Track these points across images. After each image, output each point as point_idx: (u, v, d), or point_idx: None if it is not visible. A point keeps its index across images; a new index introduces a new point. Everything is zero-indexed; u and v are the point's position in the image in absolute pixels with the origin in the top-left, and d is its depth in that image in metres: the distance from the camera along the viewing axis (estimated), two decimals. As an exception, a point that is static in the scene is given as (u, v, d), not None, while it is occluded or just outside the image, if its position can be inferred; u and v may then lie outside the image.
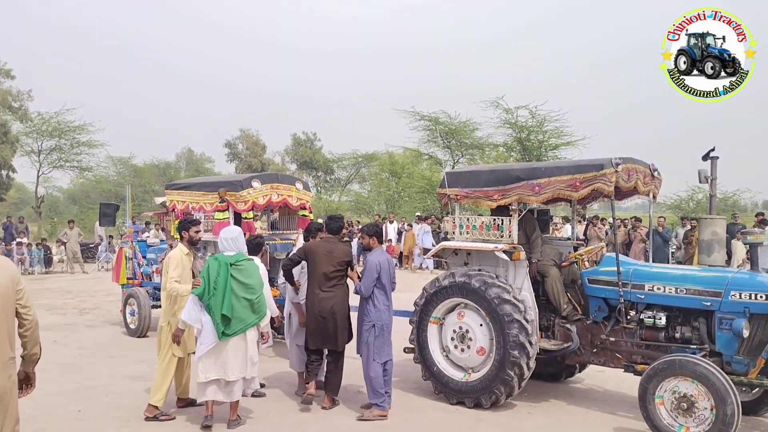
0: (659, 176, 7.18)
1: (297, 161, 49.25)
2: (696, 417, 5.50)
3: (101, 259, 23.89)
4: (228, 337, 5.90)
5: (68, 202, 50.26)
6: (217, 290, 5.90)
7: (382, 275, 6.57)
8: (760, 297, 5.74)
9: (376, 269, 6.51)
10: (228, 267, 5.97)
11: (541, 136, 30.29)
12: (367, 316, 6.56)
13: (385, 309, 6.62)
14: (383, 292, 6.60)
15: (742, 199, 30.01)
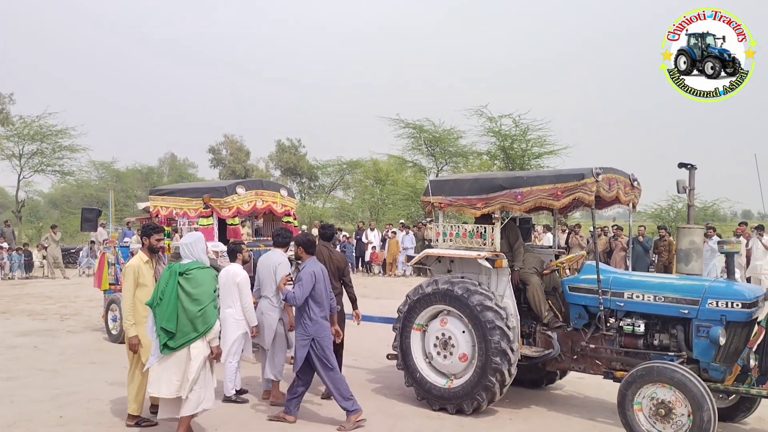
0: (639, 186, 7.31)
1: (281, 167, 49.18)
2: (674, 423, 5.60)
3: (82, 265, 23.71)
4: (170, 351, 5.61)
5: (49, 206, 49.83)
6: (162, 300, 5.63)
7: (318, 286, 6.43)
8: (737, 305, 5.86)
9: (312, 279, 6.36)
10: (176, 276, 5.69)
11: (524, 145, 30.53)
12: (303, 330, 6.40)
13: (321, 321, 6.45)
14: (318, 304, 6.44)
15: (721, 209, 30.43)
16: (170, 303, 5.61)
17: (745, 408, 6.45)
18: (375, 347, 10.16)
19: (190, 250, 5.92)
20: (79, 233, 30.52)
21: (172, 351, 5.61)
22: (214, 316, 5.76)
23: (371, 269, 24.25)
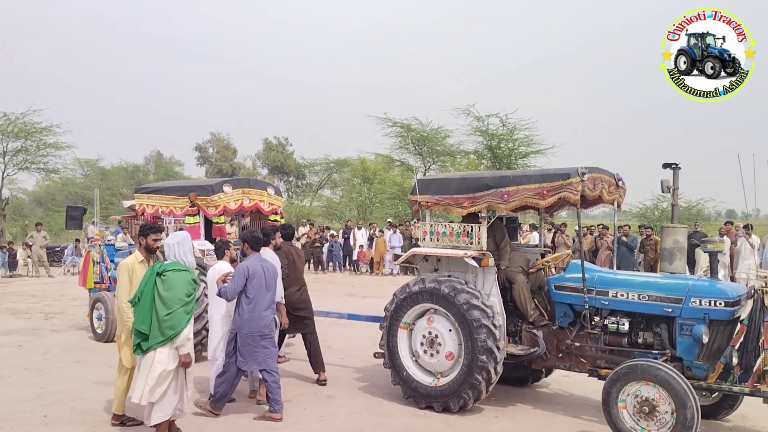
0: (624, 186, 7.37)
1: (268, 166, 49.10)
2: (657, 420, 5.66)
3: (67, 263, 23.54)
4: (142, 353, 5.55)
5: (33, 204, 49.40)
6: (140, 300, 5.57)
7: (253, 282, 6.47)
8: (719, 304, 5.93)
9: (244, 275, 6.43)
10: (154, 276, 5.58)
11: (511, 144, 30.65)
12: (232, 324, 6.68)
13: (252, 317, 6.50)
14: (249, 300, 6.49)
15: (705, 208, 30.70)
16: (146, 303, 5.52)
17: (728, 405, 6.53)
18: (362, 346, 10.17)
19: (173, 250, 5.77)
20: (64, 231, 30.28)
21: (144, 353, 5.54)
22: (182, 321, 5.53)
23: (359, 268, 24.24)
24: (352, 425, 6.44)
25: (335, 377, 8.19)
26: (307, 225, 26.15)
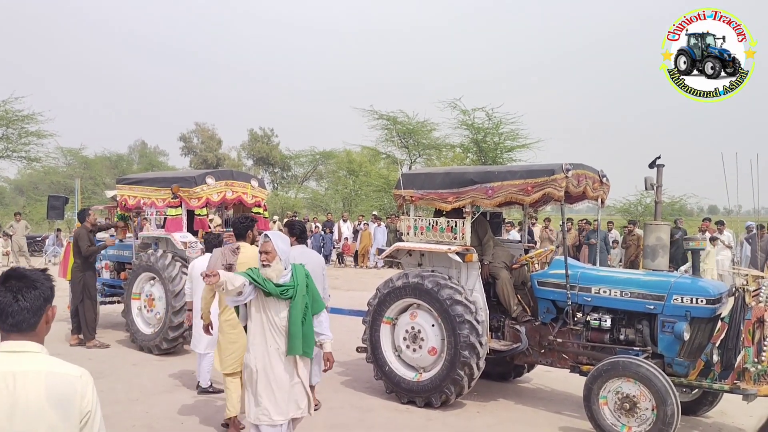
0: (608, 182, 7.38)
1: (253, 157, 48.83)
2: (638, 417, 5.68)
3: (48, 253, 23.27)
4: None
5: (15, 193, 48.79)
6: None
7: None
8: (701, 301, 5.96)
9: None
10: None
11: (497, 138, 30.68)
12: None
13: None
14: None
15: (688, 204, 30.94)
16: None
17: (708, 402, 6.58)
18: (344, 339, 10.12)
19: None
20: (45, 221, 29.92)
21: None
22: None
23: (343, 260, 24.19)
24: (333, 420, 6.41)
25: (317, 371, 8.15)
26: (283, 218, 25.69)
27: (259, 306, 4.47)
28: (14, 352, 2.14)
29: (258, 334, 4.50)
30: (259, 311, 4.49)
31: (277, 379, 4.44)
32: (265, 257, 4.42)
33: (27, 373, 2.09)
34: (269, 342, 4.46)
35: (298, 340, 4.43)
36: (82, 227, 9.56)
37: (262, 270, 4.40)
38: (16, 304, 2.14)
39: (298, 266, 4.61)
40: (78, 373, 2.19)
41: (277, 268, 4.42)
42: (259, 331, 4.50)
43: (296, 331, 4.43)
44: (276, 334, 4.46)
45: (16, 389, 2.05)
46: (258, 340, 4.49)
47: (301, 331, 4.45)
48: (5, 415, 2.01)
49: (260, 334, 4.49)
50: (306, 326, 4.49)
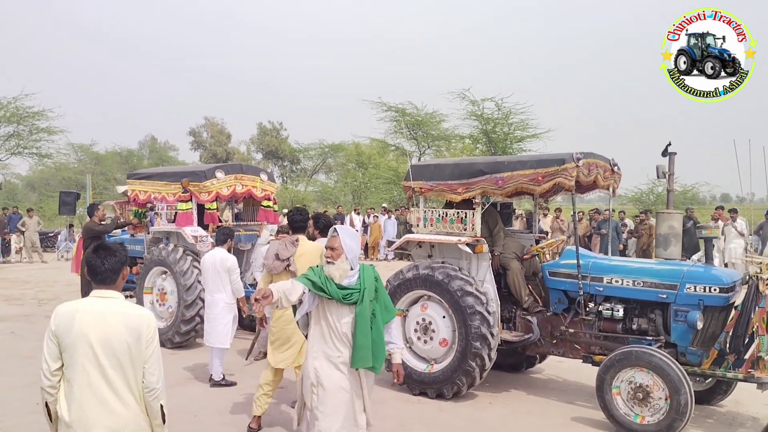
0: (619, 171, 7.32)
1: (262, 150, 48.85)
2: (651, 407, 5.66)
3: (61, 249, 23.43)
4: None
5: (27, 189, 49.12)
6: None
7: None
8: (714, 290, 5.91)
9: None
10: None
11: (506, 129, 30.56)
12: None
13: None
14: None
15: (700, 193, 30.75)
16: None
17: (722, 391, 6.54)
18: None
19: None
20: (57, 216, 30.13)
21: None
22: None
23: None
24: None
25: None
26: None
27: (320, 311, 4.10)
28: (102, 297, 3.13)
29: (318, 341, 4.12)
30: (320, 317, 4.11)
31: (337, 393, 4.04)
32: (330, 254, 4.05)
33: (112, 312, 3.06)
34: (330, 351, 4.07)
35: (366, 351, 4.01)
36: (90, 222, 9.61)
37: (325, 267, 4.04)
38: (102, 266, 3.13)
39: (367, 268, 4.20)
40: (144, 312, 3.18)
41: (342, 267, 4.03)
42: (320, 338, 4.12)
43: (364, 341, 4.00)
44: (338, 342, 4.06)
45: (106, 321, 3.02)
46: (318, 349, 4.11)
47: (369, 341, 4.02)
48: (101, 338, 3.00)
49: (321, 341, 4.11)
50: (375, 336, 4.05)
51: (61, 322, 3.04)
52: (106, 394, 2.99)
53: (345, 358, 4.05)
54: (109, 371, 3.00)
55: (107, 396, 2.99)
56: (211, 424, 6.01)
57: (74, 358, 2.99)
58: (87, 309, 3.06)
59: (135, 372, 3.05)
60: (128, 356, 3.02)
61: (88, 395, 2.99)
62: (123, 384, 3.03)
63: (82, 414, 2.98)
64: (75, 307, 3.09)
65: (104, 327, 3.02)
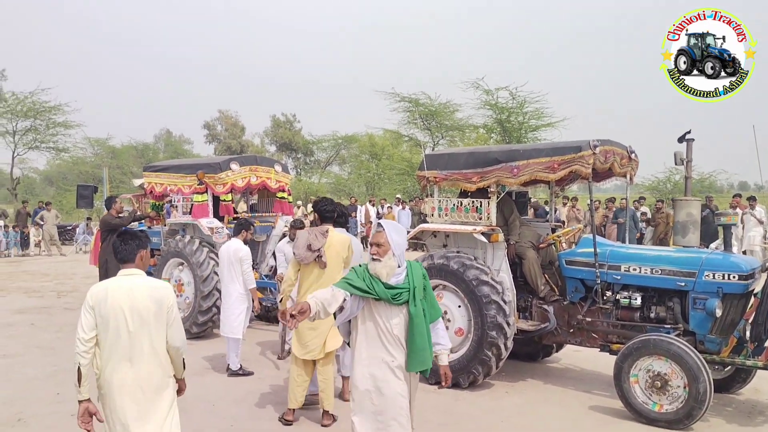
0: (636, 158, 7.25)
1: (276, 143, 48.98)
2: (669, 395, 5.62)
3: (79, 242, 23.66)
4: None
5: (45, 183, 49.60)
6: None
7: None
8: (733, 277, 5.85)
9: None
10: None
11: (521, 118, 30.40)
12: None
13: None
14: None
15: (718, 181, 30.45)
16: None
17: (741, 379, 6.48)
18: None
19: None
20: (75, 210, 30.43)
21: None
22: None
23: (367, 244, 24.19)
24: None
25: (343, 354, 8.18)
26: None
27: (366, 313, 3.82)
28: (128, 275, 3.73)
29: (368, 346, 3.82)
30: (366, 320, 3.82)
31: (397, 400, 3.79)
32: (377, 250, 3.77)
33: (138, 286, 3.67)
34: (384, 356, 3.79)
35: (424, 353, 3.78)
36: (107, 215, 9.68)
37: (370, 265, 3.77)
38: (124, 246, 3.77)
39: (414, 265, 3.95)
40: (164, 285, 3.81)
41: (389, 264, 3.75)
42: (370, 343, 3.82)
43: (422, 343, 3.77)
44: (389, 345, 3.79)
45: (133, 294, 3.62)
46: (369, 354, 3.82)
47: (427, 342, 3.81)
48: (130, 308, 3.59)
49: (372, 346, 3.81)
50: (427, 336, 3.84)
51: (97, 297, 3.63)
52: (133, 353, 3.62)
53: (399, 361, 3.80)
54: (136, 335, 3.61)
55: (134, 354, 3.62)
56: (230, 414, 6.06)
57: (108, 325, 3.59)
58: (117, 286, 3.68)
59: (159, 333, 3.67)
60: (153, 321, 3.65)
61: (119, 355, 3.60)
62: (148, 344, 3.64)
63: (115, 371, 3.61)
64: (107, 285, 3.70)
65: (132, 299, 3.62)
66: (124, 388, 3.62)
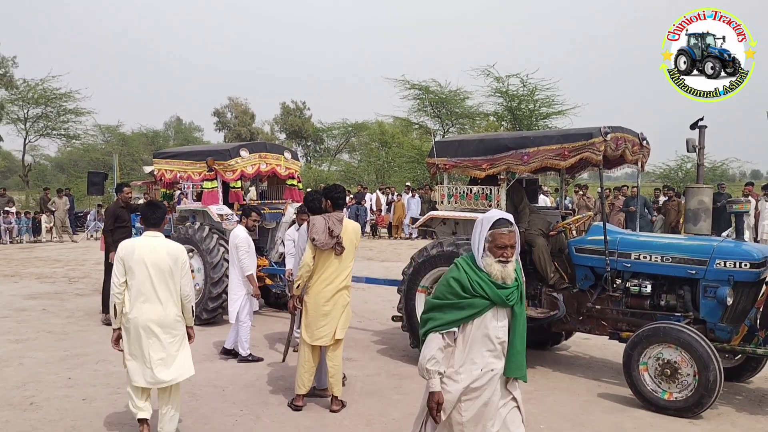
0: (648, 145, 7.19)
1: (286, 130, 48.92)
2: (679, 383, 5.60)
3: (90, 228, 23.81)
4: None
5: (56, 170, 49.89)
6: None
7: None
8: (745, 265, 5.80)
9: None
10: None
11: (531, 105, 30.22)
12: None
13: None
14: None
15: (730, 169, 30.20)
16: None
17: (751, 368, 6.45)
18: (380, 309, 10.21)
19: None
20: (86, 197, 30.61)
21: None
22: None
23: (377, 232, 24.23)
24: (370, 387, 6.47)
25: (353, 340, 8.22)
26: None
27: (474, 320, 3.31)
28: (152, 236, 4.82)
29: (470, 358, 3.32)
30: (472, 327, 3.31)
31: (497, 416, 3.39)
32: (510, 252, 3.28)
33: (159, 245, 4.75)
34: (491, 366, 3.33)
35: (522, 357, 3.39)
36: (114, 204, 9.64)
37: (494, 267, 3.26)
38: (152, 215, 4.89)
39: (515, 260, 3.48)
40: (179, 246, 4.89)
41: (514, 265, 3.33)
42: (472, 354, 3.32)
43: (521, 346, 3.38)
44: (495, 351, 3.34)
45: (155, 251, 4.70)
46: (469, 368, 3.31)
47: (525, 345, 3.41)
48: (152, 261, 4.66)
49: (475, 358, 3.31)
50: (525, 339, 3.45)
51: (126, 251, 4.72)
52: (154, 298, 4.68)
53: (500, 368, 3.37)
54: (156, 283, 4.67)
55: (154, 298, 4.68)
56: (239, 399, 6.10)
57: (134, 274, 4.66)
58: (142, 243, 4.76)
59: (174, 284, 4.73)
60: (170, 273, 4.70)
61: (143, 298, 4.67)
62: (165, 291, 4.70)
63: (139, 310, 4.67)
64: (134, 242, 4.81)
65: (154, 254, 4.67)
66: (147, 323, 4.66)
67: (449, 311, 3.27)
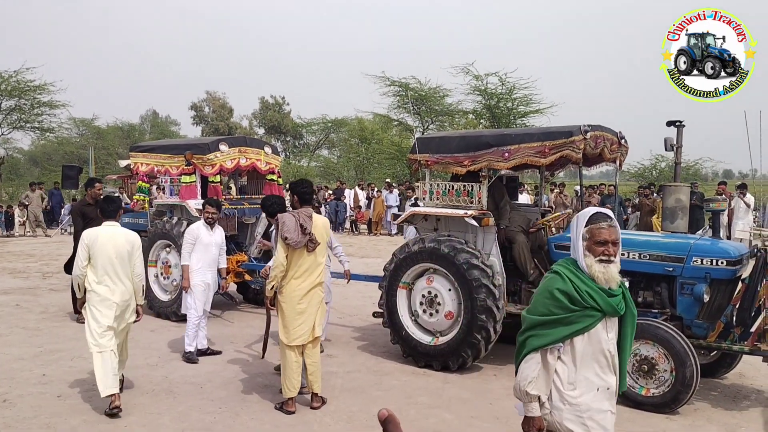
0: (626, 144, 7.26)
1: (265, 125, 48.70)
2: (656, 379, 5.66)
3: (64, 223, 23.44)
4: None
5: (29, 164, 49.09)
6: None
7: None
8: (721, 263, 5.88)
9: None
10: None
11: (510, 104, 30.38)
12: None
13: None
14: None
15: (703, 168, 30.66)
16: None
17: (727, 364, 6.56)
18: (361, 305, 10.19)
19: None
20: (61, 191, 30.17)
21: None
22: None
23: (357, 228, 24.20)
24: (350, 383, 6.45)
25: (334, 336, 8.20)
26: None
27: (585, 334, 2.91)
28: (111, 225, 5.68)
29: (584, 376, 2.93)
30: (583, 342, 2.91)
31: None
32: (613, 250, 2.92)
33: (118, 233, 5.65)
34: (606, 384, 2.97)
35: (625, 369, 3.06)
36: (78, 202, 9.36)
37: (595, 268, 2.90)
38: (108, 208, 5.79)
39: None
40: (134, 233, 5.80)
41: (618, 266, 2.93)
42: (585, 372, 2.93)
43: (626, 359, 3.04)
44: (606, 367, 2.96)
45: (115, 238, 5.58)
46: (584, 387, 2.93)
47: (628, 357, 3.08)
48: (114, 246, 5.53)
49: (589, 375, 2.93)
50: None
51: (90, 239, 5.54)
52: (116, 278, 5.55)
53: (612, 385, 2.99)
54: (117, 266, 5.55)
55: (116, 279, 5.56)
56: (218, 396, 6.04)
57: (98, 258, 5.50)
58: (104, 232, 5.62)
59: (131, 266, 5.65)
60: (128, 257, 5.62)
61: (108, 278, 5.52)
62: (124, 273, 5.59)
63: (105, 288, 5.52)
64: (97, 231, 5.63)
65: (114, 241, 5.56)
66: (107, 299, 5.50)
67: (556, 327, 2.89)
